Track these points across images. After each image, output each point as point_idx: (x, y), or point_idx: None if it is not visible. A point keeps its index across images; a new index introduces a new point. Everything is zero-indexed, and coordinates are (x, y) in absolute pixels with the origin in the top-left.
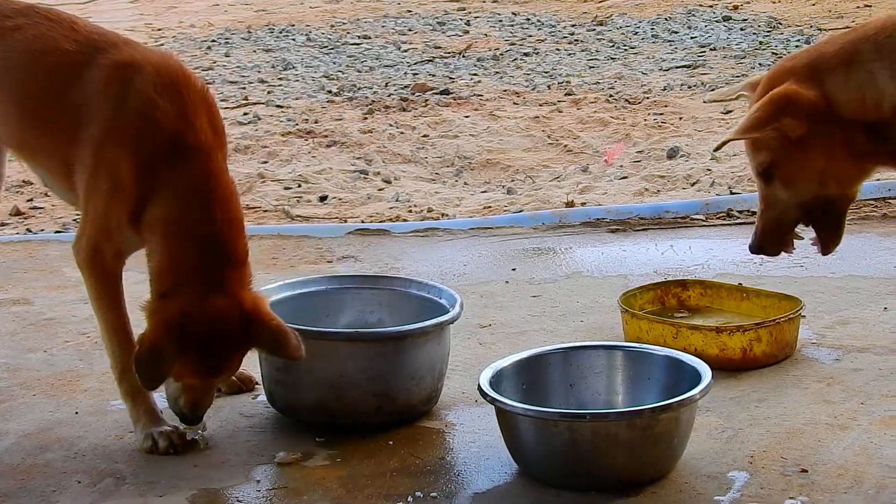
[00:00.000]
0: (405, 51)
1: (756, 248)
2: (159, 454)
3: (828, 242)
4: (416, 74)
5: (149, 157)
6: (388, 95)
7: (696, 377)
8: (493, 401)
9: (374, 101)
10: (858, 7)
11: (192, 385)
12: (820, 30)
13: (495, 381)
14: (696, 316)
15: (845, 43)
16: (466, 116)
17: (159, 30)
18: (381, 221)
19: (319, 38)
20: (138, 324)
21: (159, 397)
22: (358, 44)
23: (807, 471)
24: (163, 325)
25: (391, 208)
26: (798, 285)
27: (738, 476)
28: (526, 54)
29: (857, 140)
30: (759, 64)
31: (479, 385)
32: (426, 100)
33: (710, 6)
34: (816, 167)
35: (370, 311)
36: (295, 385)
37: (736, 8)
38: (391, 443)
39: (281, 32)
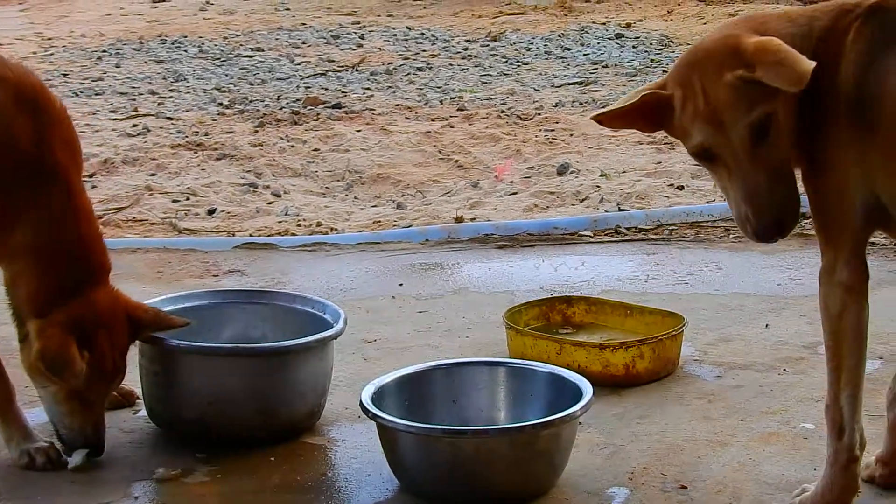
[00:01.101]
0: (298, 64)
1: (774, 225)
2: (36, 470)
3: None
4: (309, 88)
5: (8, 179)
6: (280, 109)
7: (577, 394)
8: (374, 417)
9: (265, 114)
10: None
11: (87, 401)
12: None
13: (377, 397)
14: (581, 332)
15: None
16: (358, 131)
17: (49, 39)
18: (269, 235)
19: (212, 50)
20: None
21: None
22: (251, 56)
23: (686, 487)
24: (59, 328)
25: (280, 222)
26: (682, 302)
27: (619, 492)
28: (419, 69)
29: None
30: (650, 81)
31: (360, 401)
32: (318, 113)
33: (603, 24)
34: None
35: (254, 326)
36: (176, 400)
37: (628, 26)
38: (273, 459)
39: (173, 44)
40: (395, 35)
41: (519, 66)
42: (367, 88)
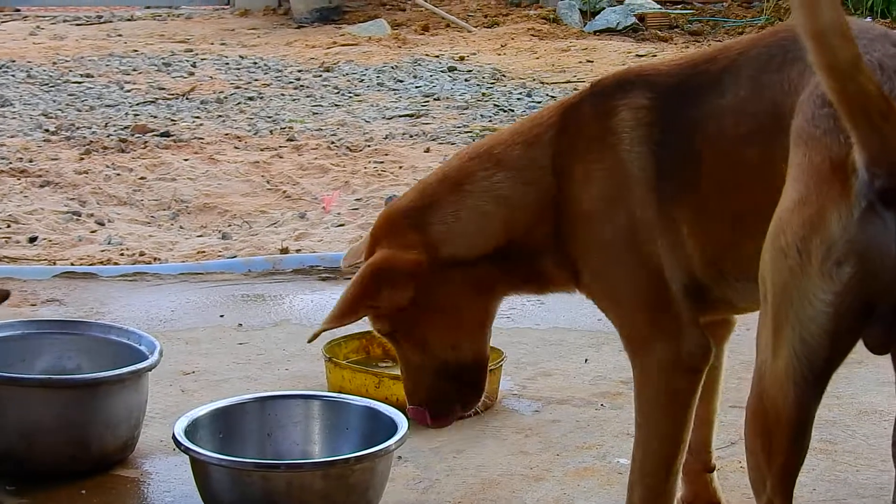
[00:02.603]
0: (128, 91)
1: (411, 412)
2: None
3: (468, 401)
4: (138, 115)
5: None
6: (108, 136)
7: (393, 427)
8: (186, 450)
9: (92, 141)
10: (581, 62)
11: None
12: (542, 83)
13: (191, 430)
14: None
15: (452, 168)
16: (186, 159)
17: None
18: (91, 264)
19: (41, 75)
20: None
21: None
22: (80, 82)
23: None
24: None
25: (103, 251)
26: (503, 336)
27: None
28: (250, 98)
29: (484, 276)
30: (481, 115)
31: (173, 434)
32: (146, 141)
33: (437, 56)
34: (442, 324)
35: (68, 357)
36: None
37: (462, 59)
38: (84, 492)
39: (0, 68)
40: (227, 64)
41: (351, 97)
42: (197, 117)
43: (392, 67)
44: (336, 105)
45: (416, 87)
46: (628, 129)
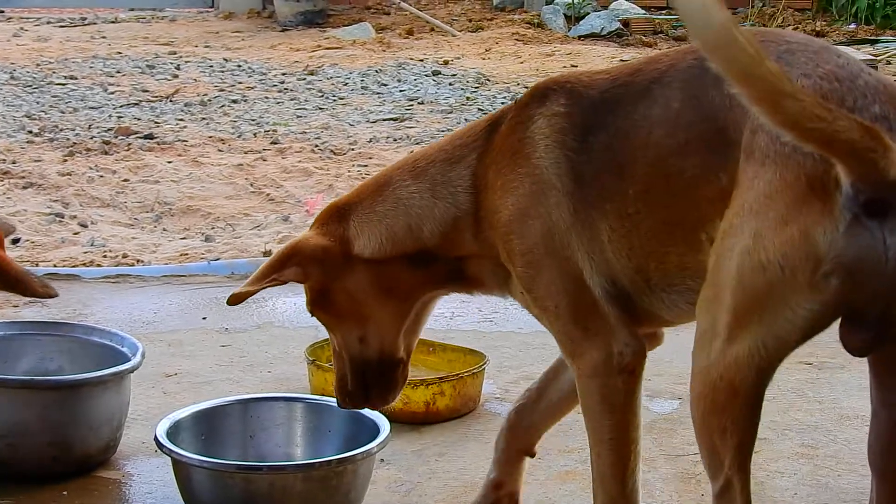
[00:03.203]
0: (112, 93)
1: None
2: None
3: (377, 399)
4: (122, 117)
5: None
6: (91, 138)
7: (375, 430)
8: (168, 452)
9: (75, 143)
10: (565, 67)
11: None
12: (526, 87)
13: (173, 432)
14: None
15: (383, 173)
16: (169, 162)
17: None
18: (74, 266)
19: (24, 77)
20: None
21: None
22: (63, 84)
23: None
24: None
25: (85, 253)
26: (486, 340)
27: None
28: (234, 101)
29: (397, 277)
30: (465, 119)
31: (155, 436)
32: (129, 144)
33: (421, 60)
34: (352, 316)
35: (50, 359)
36: None
37: (446, 63)
38: (66, 493)
39: None
40: (211, 66)
41: (335, 100)
42: (181, 119)
43: (376, 71)
44: (320, 108)
45: (401, 90)
46: (542, 137)
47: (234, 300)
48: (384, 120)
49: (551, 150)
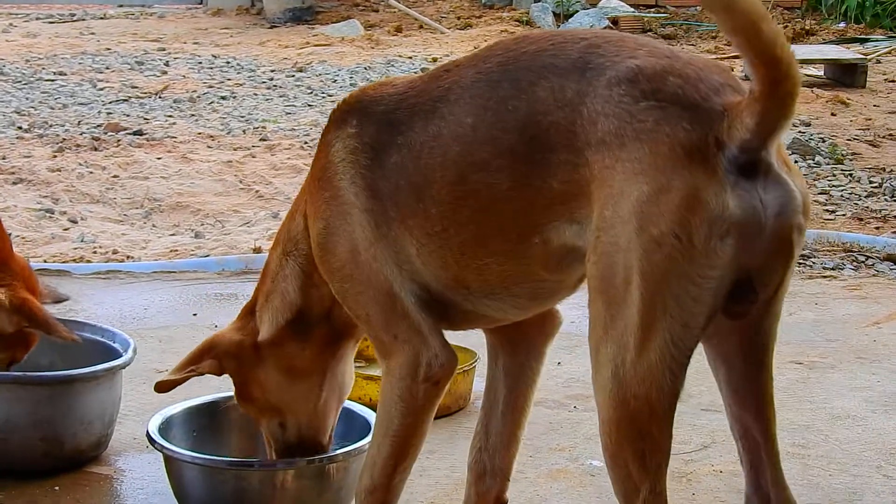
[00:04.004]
0: (101, 89)
1: None
2: None
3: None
4: (111, 114)
5: None
6: (81, 134)
7: (366, 428)
8: (159, 448)
9: (65, 138)
10: None
11: None
12: None
13: (165, 428)
14: (373, 366)
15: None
16: (159, 158)
17: None
18: (63, 262)
19: (13, 73)
20: None
21: None
22: (53, 80)
23: None
24: None
25: (75, 249)
26: (477, 338)
27: None
28: (223, 98)
29: (292, 353)
30: None
31: (147, 431)
32: (119, 140)
33: (410, 57)
34: (269, 405)
35: (42, 354)
36: None
37: (434, 61)
38: (57, 489)
39: None
40: (200, 63)
41: (324, 97)
42: (170, 116)
43: (365, 68)
44: (309, 105)
45: None
46: (339, 160)
47: (160, 388)
48: None
49: (347, 170)
